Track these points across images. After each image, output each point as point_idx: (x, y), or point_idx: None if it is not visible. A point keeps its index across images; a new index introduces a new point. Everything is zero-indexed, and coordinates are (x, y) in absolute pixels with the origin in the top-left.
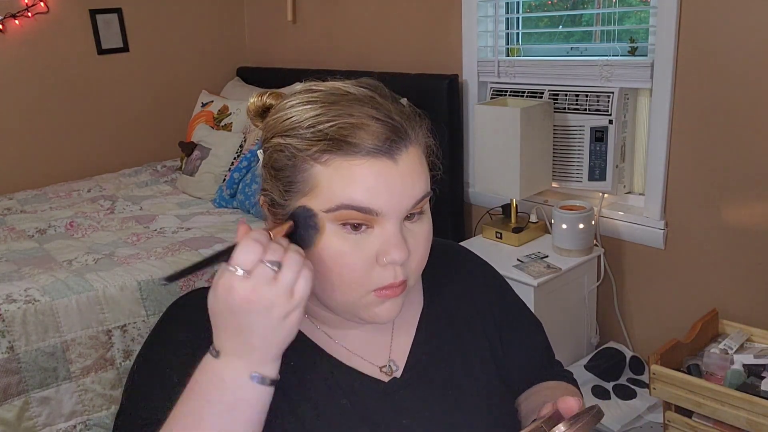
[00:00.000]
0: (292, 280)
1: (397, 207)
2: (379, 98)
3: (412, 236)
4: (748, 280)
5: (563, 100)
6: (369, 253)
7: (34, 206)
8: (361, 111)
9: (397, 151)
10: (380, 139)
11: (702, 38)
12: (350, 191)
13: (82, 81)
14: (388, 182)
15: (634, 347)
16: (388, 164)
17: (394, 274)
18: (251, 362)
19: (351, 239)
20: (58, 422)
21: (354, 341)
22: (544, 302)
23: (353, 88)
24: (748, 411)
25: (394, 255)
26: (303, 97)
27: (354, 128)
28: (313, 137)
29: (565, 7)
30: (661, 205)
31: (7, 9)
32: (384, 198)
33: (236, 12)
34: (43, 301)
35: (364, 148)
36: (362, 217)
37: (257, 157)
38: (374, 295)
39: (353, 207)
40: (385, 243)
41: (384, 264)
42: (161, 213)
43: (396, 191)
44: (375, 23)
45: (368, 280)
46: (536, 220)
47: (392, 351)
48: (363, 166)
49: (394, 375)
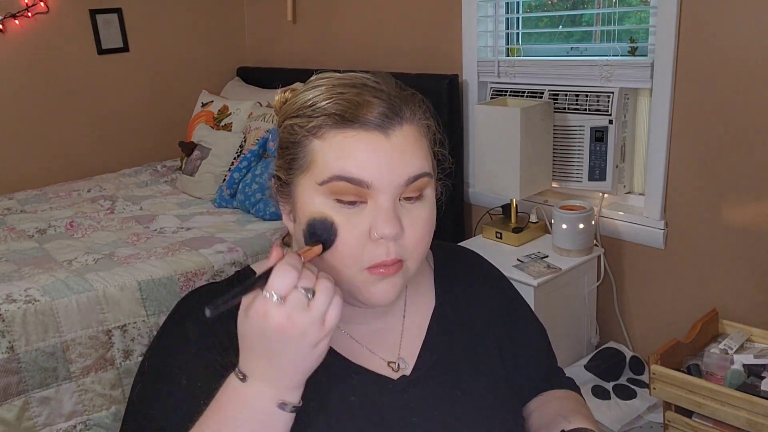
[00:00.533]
0: (324, 308)
1: (389, 181)
2: (382, 81)
3: (408, 216)
4: (748, 280)
5: (563, 100)
6: (362, 228)
7: (34, 206)
8: (357, 90)
9: (390, 126)
10: (373, 114)
11: (702, 38)
12: (343, 163)
13: (82, 81)
14: (379, 156)
15: (634, 347)
16: (380, 138)
17: (387, 251)
18: (279, 389)
19: (344, 213)
20: (58, 422)
21: (364, 336)
22: (544, 302)
23: (360, 74)
24: (748, 411)
25: (384, 229)
26: (311, 83)
27: (350, 104)
28: (313, 113)
29: (565, 7)
30: (661, 205)
31: (7, 9)
32: (375, 170)
33: (236, 12)
34: (43, 301)
35: (357, 122)
36: (354, 190)
37: (263, 148)
38: (367, 272)
39: (345, 178)
40: (377, 217)
41: (375, 239)
42: (161, 213)
43: (387, 165)
44: (375, 23)
45: (361, 255)
46: (536, 220)
47: (402, 349)
48: (356, 138)
49: (403, 373)
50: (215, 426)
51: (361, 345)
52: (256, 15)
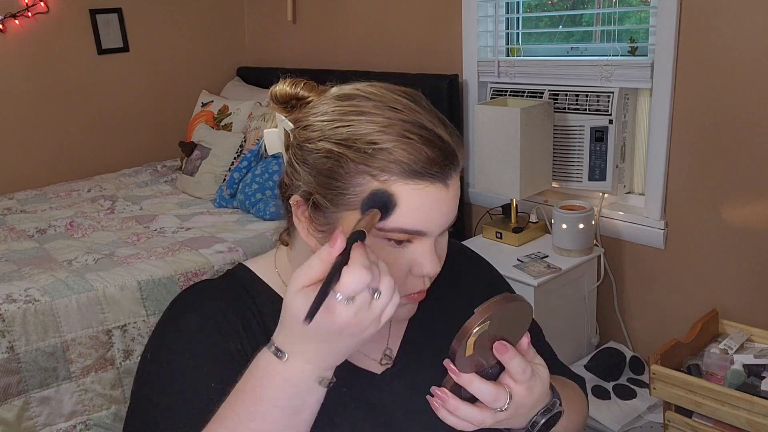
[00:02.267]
0: (385, 306)
1: (440, 228)
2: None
3: (439, 247)
4: (748, 280)
5: (563, 100)
6: (405, 265)
7: (34, 206)
8: (418, 132)
9: (449, 177)
10: (437, 165)
11: (702, 38)
12: (406, 216)
13: (82, 81)
14: (440, 207)
15: (634, 347)
16: (442, 190)
17: (423, 282)
18: (321, 368)
19: (392, 252)
20: (58, 422)
21: None
22: (544, 302)
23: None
24: (748, 411)
25: (429, 269)
26: (353, 104)
27: (414, 151)
28: (373, 153)
29: (565, 7)
30: (661, 205)
31: (7, 9)
32: (435, 223)
33: (236, 12)
34: (43, 301)
35: (422, 174)
36: (410, 237)
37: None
38: (405, 299)
39: (406, 231)
40: (421, 257)
41: (418, 275)
42: (161, 213)
43: (444, 215)
44: (375, 23)
45: (402, 287)
46: (536, 220)
47: (390, 340)
48: (419, 192)
49: (387, 366)
50: (250, 406)
51: None
52: (256, 15)
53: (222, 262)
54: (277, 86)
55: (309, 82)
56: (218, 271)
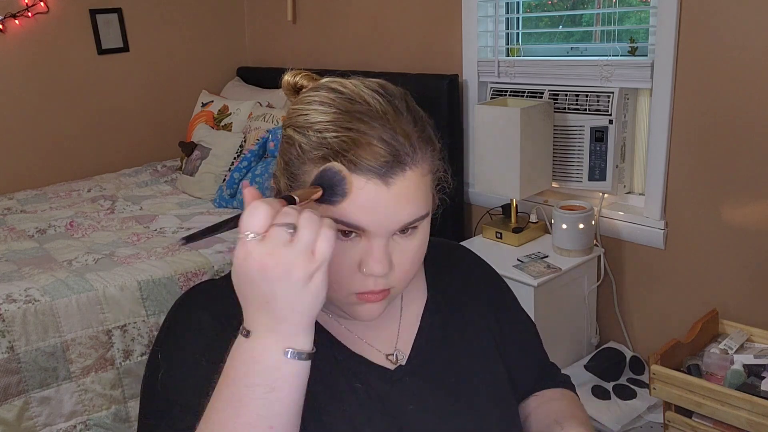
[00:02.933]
0: (310, 240)
1: (384, 228)
2: (394, 114)
3: (399, 250)
4: (748, 280)
5: (563, 100)
6: (353, 260)
7: (34, 206)
8: (370, 128)
9: (392, 175)
10: (378, 162)
11: (702, 38)
12: (341, 207)
13: (82, 81)
14: (376, 205)
15: (634, 347)
16: (381, 188)
17: (374, 282)
18: (282, 336)
19: (339, 244)
20: (58, 422)
21: (363, 329)
22: (544, 302)
23: (372, 99)
24: (748, 411)
25: (374, 268)
26: (324, 96)
27: (356, 145)
28: (317, 143)
29: (565, 7)
30: (661, 205)
31: (7, 9)
32: (371, 218)
33: (236, 12)
34: (43, 301)
35: (360, 168)
36: (349, 230)
37: (263, 149)
38: (356, 297)
39: (341, 221)
40: (368, 255)
41: (365, 274)
42: (161, 213)
43: (383, 214)
44: (375, 23)
45: (350, 283)
46: (536, 220)
47: (399, 341)
48: (356, 185)
49: (400, 363)
50: (228, 390)
51: (360, 338)
52: (256, 15)
53: (222, 262)
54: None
55: (309, 73)
56: (218, 271)
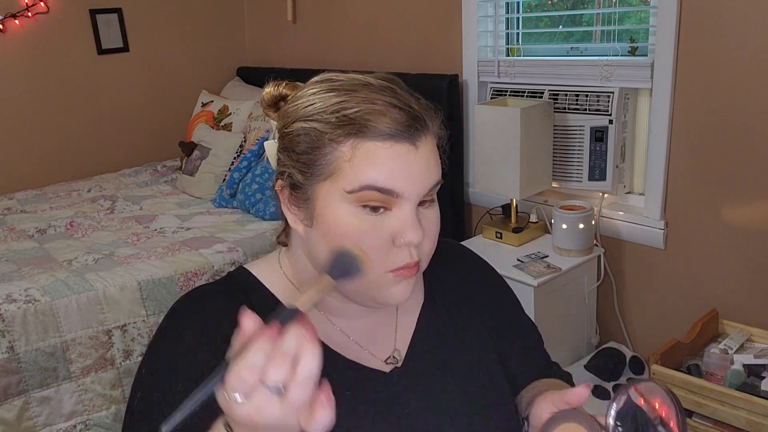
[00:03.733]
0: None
1: (415, 190)
2: (400, 90)
3: (425, 220)
4: (748, 280)
5: (563, 100)
6: (386, 234)
7: (34, 206)
8: (383, 99)
9: (417, 137)
10: (402, 125)
11: (702, 38)
12: (373, 173)
13: (82, 81)
14: (408, 166)
15: (634, 347)
16: (409, 149)
17: (410, 254)
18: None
19: (369, 220)
20: (58, 422)
21: (359, 332)
22: (544, 302)
23: (372, 80)
24: (748, 411)
25: (411, 236)
26: (324, 85)
27: (377, 114)
28: (338, 121)
29: (565, 7)
30: (661, 205)
31: (7, 9)
32: (404, 180)
33: (236, 12)
34: (43, 301)
35: (386, 132)
36: (382, 198)
37: (262, 149)
38: (392, 275)
39: (375, 188)
40: (402, 224)
41: (400, 245)
42: (161, 213)
43: (415, 175)
44: (375, 23)
45: (385, 259)
46: (536, 220)
47: (397, 340)
48: (386, 149)
49: (395, 365)
50: None
51: (355, 342)
52: (256, 15)
53: (222, 262)
54: (264, 91)
55: (291, 82)
56: (218, 271)
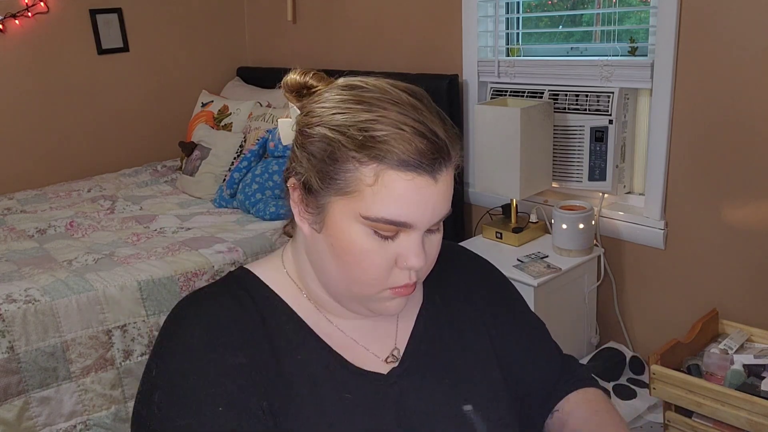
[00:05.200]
0: None
1: (427, 222)
2: (427, 112)
3: (428, 244)
4: (748, 280)
5: (563, 100)
6: (391, 256)
7: (34, 206)
8: (411, 124)
9: (438, 171)
10: (426, 157)
11: (702, 38)
12: (392, 207)
13: (82, 81)
14: (426, 200)
15: (634, 347)
16: (429, 182)
17: (409, 275)
18: None
19: (378, 242)
20: (58, 422)
21: (360, 331)
22: (544, 302)
23: (402, 94)
24: (748, 411)
25: (414, 262)
26: (353, 93)
27: (404, 141)
28: (364, 140)
29: (565, 7)
30: (661, 205)
31: (7, 9)
32: (419, 213)
33: (236, 12)
34: (43, 301)
35: (410, 164)
36: (396, 229)
37: (263, 149)
38: (390, 291)
39: (392, 222)
40: (407, 250)
41: (402, 268)
42: (161, 213)
43: (430, 208)
44: (375, 23)
45: (386, 279)
46: (536, 220)
47: (397, 339)
48: (407, 181)
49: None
50: None
51: (355, 341)
52: (256, 15)
53: (222, 262)
54: (289, 75)
55: (319, 72)
56: (218, 271)
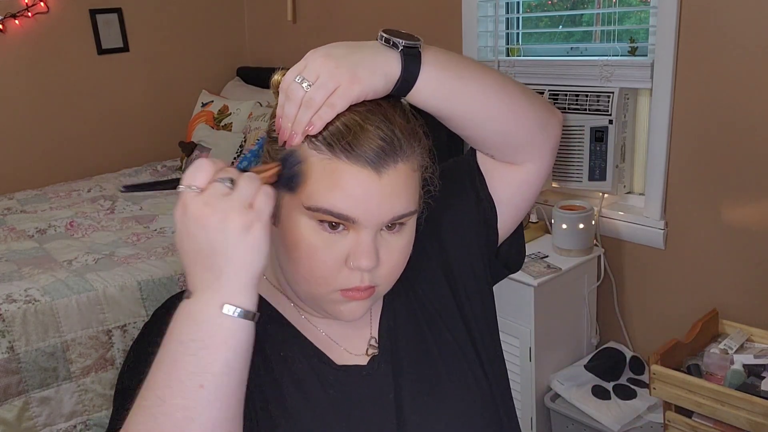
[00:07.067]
0: (248, 194)
1: (373, 219)
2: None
3: (386, 246)
4: (748, 280)
5: (563, 100)
6: (340, 254)
7: (34, 206)
8: (364, 117)
9: (384, 166)
10: (372, 150)
11: (702, 38)
12: (332, 197)
13: (82, 81)
14: (369, 195)
15: (634, 347)
16: (372, 177)
17: (360, 278)
18: (221, 292)
19: (325, 237)
20: (58, 422)
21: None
22: (544, 302)
23: None
24: (748, 411)
25: (362, 262)
26: None
27: (351, 132)
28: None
29: (565, 7)
30: (661, 205)
31: (7, 9)
32: (361, 208)
33: (236, 12)
34: (43, 301)
35: (354, 156)
36: (338, 221)
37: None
38: (340, 294)
39: (330, 212)
40: (356, 249)
41: (351, 268)
42: (161, 213)
43: (374, 204)
44: (375, 23)
45: (335, 279)
46: (536, 220)
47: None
48: (349, 172)
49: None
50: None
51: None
52: (256, 15)
53: None
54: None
55: None
56: None
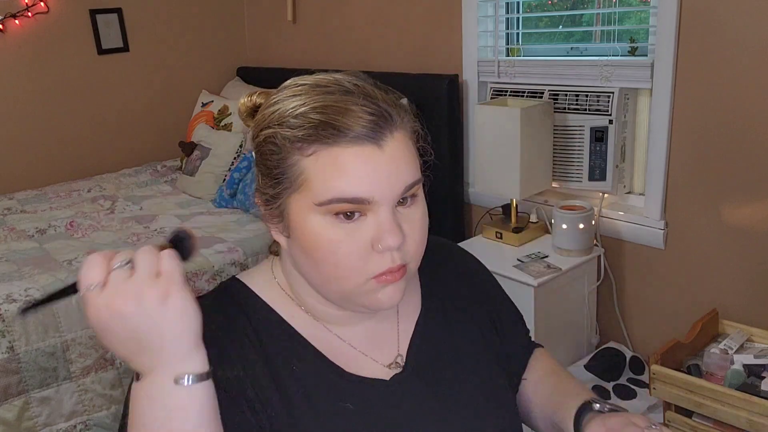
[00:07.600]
0: (151, 266)
1: (387, 193)
2: (365, 85)
3: (406, 221)
4: (748, 280)
5: (563, 100)
6: (363, 241)
7: (34, 206)
8: (347, 97)
9: (382, 137)
10: (365, 125)
11: (702, 38)
12: (339, 183)
13: (82, 81)
14: (375, 169)
15: (634, 347)
16: (374, 150)
17: (392, 258)
18: (167, 367)
19: (345, 228)
20: (58, 422)
21: (360, 338)
22: (544, 302)
23: (339, 77)
24: (748, 411)
25: (389, 241)
26: (289, 90)
27: (339, 113)
28: (298, 123)
29: (565, 7)
30: (661, 205)
31: (7, 9)
32: (373, 185)
33: (236, 12)
34: None
35: (348, 135)
36: (354, 207)
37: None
38: (374, 281)
39: (344, 199)
40: (379, 229)
41: (380, 250)
42: (161, 213)
43: (384, 177)
44: (375, 23)
45: (366, 267)
46: (536, 220)
47: (400, 345)
48: (349, 155)
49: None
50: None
51: (354, 348)
52: (256, 15)
53: (222, 262)
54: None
55: (265, 91)
56: (218, 271)
